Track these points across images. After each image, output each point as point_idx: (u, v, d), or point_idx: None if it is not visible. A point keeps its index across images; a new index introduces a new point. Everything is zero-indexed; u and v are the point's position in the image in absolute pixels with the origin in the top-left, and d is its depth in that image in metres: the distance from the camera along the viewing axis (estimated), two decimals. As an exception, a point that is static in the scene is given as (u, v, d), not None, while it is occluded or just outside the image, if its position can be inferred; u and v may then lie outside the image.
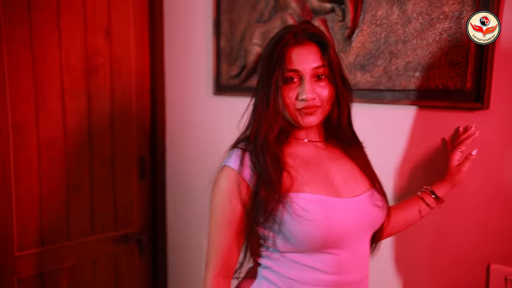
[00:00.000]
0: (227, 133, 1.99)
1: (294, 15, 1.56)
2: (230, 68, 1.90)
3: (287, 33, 0.96)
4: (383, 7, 1.31)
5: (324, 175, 0.97)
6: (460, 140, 1.12)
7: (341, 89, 0.99)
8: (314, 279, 0.94)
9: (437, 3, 1.19)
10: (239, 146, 1.00)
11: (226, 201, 0.95)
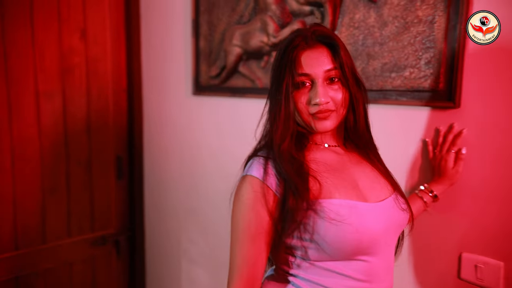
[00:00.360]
0: (206, 132, 2.02)
1: (274, 17, 1.60)
2: (210, 68, 1.92)
3: (297, 36, 0.94)
4: (361, 10, 1.37)
5: (350, 180, 0.94)
6: (449, 141, 1.19)
7: (355, 92, 0.96)
8: (347, 286, 0.90)
9: (411, 7, 1.26)
10: (259, 154, 0.95)
11: (251, 212, 0.89)
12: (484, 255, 1.19)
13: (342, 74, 0.93)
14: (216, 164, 2.00)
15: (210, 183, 2.04)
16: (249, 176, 0.92)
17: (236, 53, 1.76)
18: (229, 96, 1.86)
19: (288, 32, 1.57)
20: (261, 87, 1.72)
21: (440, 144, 1.22)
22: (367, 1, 1.35)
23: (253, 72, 1.74)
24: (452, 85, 1.18)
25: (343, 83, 0.94)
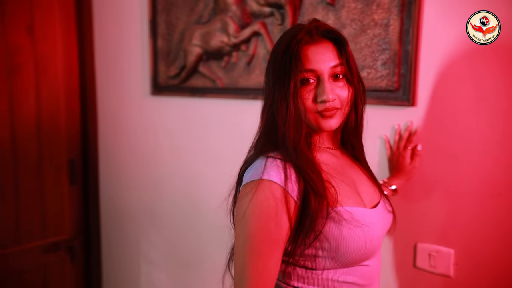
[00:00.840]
0: (166, 133, 1.99)
1: (234, 18, 1.62)
2: (169, 68, 1.90)
3: (300, 30, 0.88)
4: (320, 13, 1.42)
5: (352, 185, 0.92)
6: (405, 138, 1.26)
7: (359, 90, 0.92)
8: None
9: (368, 11, 1.32)
10: (270, 155, 0.87)
11: (271, 221, 0.80)
12: (436, 244, 1.28)
13: (348, 71, 0.89)
14: (177, 165, 1.98)
15: (171, 184, 2.01)
16: (267, 181, 0.82)
17: (196, 53, 1.76)
18: (189, 96, 1.85)
19: (248, 33, 1.59)
20: (222, 87, 1.73)
21: (397, 141, 1.29)
22: (325, 4, 1.41)
23: (214, 72, 1.75)
24: (407, 85, 1.26)
25: (348, 80, 0.90)
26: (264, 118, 0.91)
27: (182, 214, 2.00)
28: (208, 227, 1.92)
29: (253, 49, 1.61)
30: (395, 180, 1.26)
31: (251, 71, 1.63)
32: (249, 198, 0.82)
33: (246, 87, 1.65)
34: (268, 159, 0.85)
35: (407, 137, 1.26)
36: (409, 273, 1.34)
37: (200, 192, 1.92)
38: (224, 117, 1.77)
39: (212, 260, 1.91)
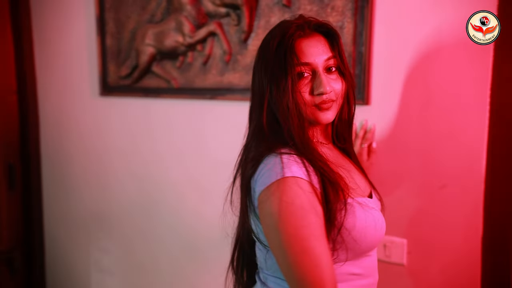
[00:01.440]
0: (116, 134, 1.93)
1: (189, 18, 1.61)
2: (119, 68, 1.84)
3: (290, 25, 0.89)
4: (276, 14, 1.45)
5: (349, 176, 0.91)
6: (361, 136, 1.31)
7: (351, 82, 0.93)
8: (356, 286, 0.89)
9: (323, 13, 1.37)
10: (283, 151, 0.85)
11: (310, 214, 0.78)
12: (390, 235, 1.35)
13: (340, 63, 0.90)
14: (127, 167, 1.92)
15: (120, 188, 1.95)
16: (291, 177, 0.80)
17: (149, 52, 1.72)
18: (142, 97, 1.81)
19: (204, 33, 1.59)
20: (177, 87, 1.70)
21: (353, 140, 1.34)
22: (281, 6, 1.44)
23: (168, 72, 1.72)
24: (361, 85, 1.32)
25: (340, 72, 0.91)
26: (264, 115, 0.89)
27: (134, 218, 1.94)
28: (161, 230, 1.88)
29: (209, 49, 1.60)
30: None
31: (207, 71, 1.63)
32: (278, 200, 0.79)
33: (203, 87, 1.64)
34: (283, 155, 0.83)
35: (363, 136, 1.32)
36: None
37: (153, 195, 1.88)
38: (179, 118, 1.75)
39: (168, 262, 1.88)
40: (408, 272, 1.34)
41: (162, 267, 1.90)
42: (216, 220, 1.72)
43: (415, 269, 1.33)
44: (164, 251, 1.88)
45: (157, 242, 1.90)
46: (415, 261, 1.33)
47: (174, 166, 1.80)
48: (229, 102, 1.61)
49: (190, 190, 1.78)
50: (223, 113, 1.64)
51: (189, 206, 1.78)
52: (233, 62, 1.56)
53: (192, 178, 1.76)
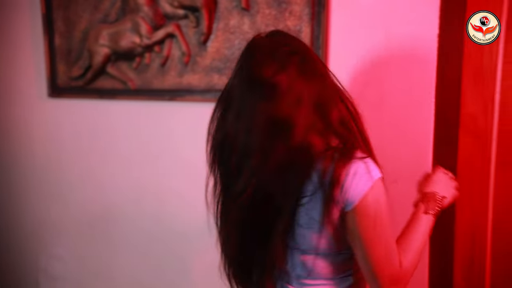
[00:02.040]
0: (66, 137, 1.86)
1: (146, 19, 1.59)
2: (70, 68, 1.78)
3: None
4: (235, 17, 1.48)
5: None
6: None
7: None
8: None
9: (281, 18, 1.42)
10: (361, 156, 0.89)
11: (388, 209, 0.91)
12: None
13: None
14: (79, 171, 1.87)
15: (75, 192, 1.89)
16: (379, 178, 0.89)
17: (104, 53, 1.68)
18: (96, 98, 1.76)
19: (162, 34, 1.58)
20: (134, 89, 1.68)
21: None
22: (240, 9, 1.47)
23: (124, 73, 1.69)
24: (319, 86, 1.39)
25: None
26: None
27: (87, 222, 1.89)
28: (118, 234, 1.85)
29: (167, 50, 1.60)
30: None
31: (165, 72, 1.62)
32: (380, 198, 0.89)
33: (161, 88, 1.64)
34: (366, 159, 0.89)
35: None
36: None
37: (109, 198, 1.84)
38: (136, 119, 1.73)
39: (122, 268, 1.85)
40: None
41: (115, 276, 1.87)
42: (176, 225, 1.73)
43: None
44: (121, 258, 1.85)
45: (114, 248, 1.86)
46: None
47: (131, 168, 1.78)
48: (189, 103, 1.62)
49: (147, 193, 1.76)
50: (182, 115, 1.65)
51: (147, 210, 1.77)
52: (192, 64, 1.57)
53: (150, 180, 1.75)
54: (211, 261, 1.61)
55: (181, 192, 1.71)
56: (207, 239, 1.66)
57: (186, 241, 1.74)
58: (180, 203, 1.72)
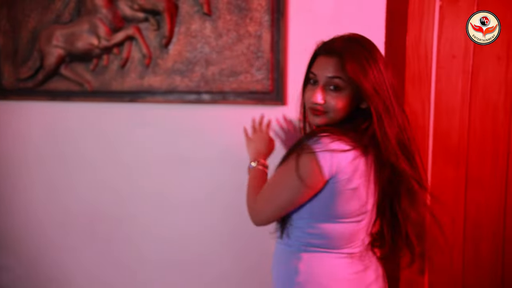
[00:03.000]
0: (18, 141, 1.78)
1: (105, 20, 1.59)
2: (18, 70, 1.72)
3: (321, 44, 1.10)
4: (197, 22, 1.54)
5: None
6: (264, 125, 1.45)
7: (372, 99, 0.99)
8: None
9: (242, 23, 1.50)
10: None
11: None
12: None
13: (347, 85, 1.01)
14: (35, 174, 1.80)
15: (20, 196, 1.82)
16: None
17: (58, 54, 1.64)
18: (48, 100, 1.72)
19: (122, 36, 1.59)
20: (91, 91, 1.67)
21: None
22: (202, 14, 1.53)
23: (80, 75, 1.67)
24: (279, 88, 1.49)
25: (348, 92, 1.02)
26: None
27: (40, 227, 1.83)
28: (73, 241, 1.81)
29: (127, 52, 1.61)
30: (265, 159, 1.36)
31: (125, 74, 1.63)
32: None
33: (121, 90, 1.64)
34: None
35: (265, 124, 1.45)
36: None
37: (61, 204, 1.80)
38: (96, 121, 1.72)
39: (75, 276, 1.82)
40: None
41: (71, 282, 1.84)
42: (136, 229, 1.74)
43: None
44: (77, 265, 1.82)
45: (68, 255, 1.83)
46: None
47: (92, 170, 1.75)
48: (150, 105, 1.64)
49: (108, 195, 1.76)
50: (143, 116, 1.67)
51: (105, 212, 1.76)
52: (154, 66, 1.60)
53: (111, 183, 1.74)
54: (157, 260, 1.66)
55: (144, 193, 1.73)
56: (167, 236, 1.71)
57: (146, 240, 1.76)
58: (142, 204, 1.74)
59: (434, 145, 1.50)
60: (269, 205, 1.07)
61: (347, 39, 1.05)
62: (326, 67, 1.03)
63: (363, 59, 0.99)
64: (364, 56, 1.00)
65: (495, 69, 1.42)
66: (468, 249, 1.51)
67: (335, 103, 1.02)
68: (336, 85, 1.02)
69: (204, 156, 1.63)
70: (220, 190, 1.63)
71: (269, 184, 1.09)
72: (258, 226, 1.13)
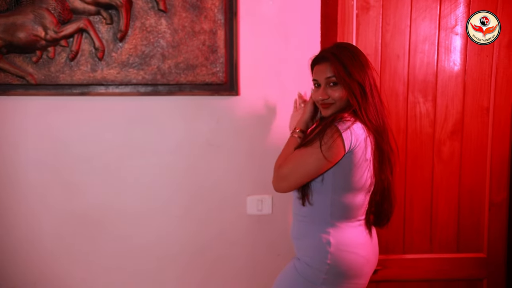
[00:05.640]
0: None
1: (53, 12, 1.55)
2: None
3: (314, 57, 1.39)
4: (152, 17, 1.62)
5: None
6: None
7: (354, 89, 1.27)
8: None
9: (197, 20, 1.64)
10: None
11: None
12: (261, 194, 1.77)
13: (340, 79, 1.29)
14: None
15: None
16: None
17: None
18: None
19: (73, 29, 1.57)
20: (35, 83, 1.60)
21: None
22: (157, 10, 1.62)
23: (19, 67, 1.59)
24: (233, 80, 1.67)
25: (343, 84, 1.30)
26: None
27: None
28: (14, 241, 1.70)
29: (77, 45, 1.60)
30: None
31: (75, 66, 1.61)
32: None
33: (70, 83, 1.62)
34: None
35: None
36: (244, 219, 1.77)
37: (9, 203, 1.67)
38: (42, 116, 1.65)
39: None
40: (273, 219, 1.80)
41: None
42: (96, 219, 1.71)
43: (278, 216, 1.80)
44: (44, 265, 1.71)
45: (12, 256, 1.70)
46: (278, 211, 1.80)
47: (38, 167, 1.67)
48: (103, 98, 1.65)
49: (58, 193, 1.69)
50: (96, 109, 1.66)
51: (56, 209, 1.70)
52: (107, 59, 1.62)
53: (57, 179, 1.69)
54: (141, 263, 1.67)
55: (99, 185, 1.71)
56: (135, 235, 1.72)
57: (113, 239, 1.74)
58: (95, 200, 1.72)
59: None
60: (293, 173, 1.26)
61: (334, 47, 1.35)
62: (322, 71, 1.33)
63: (347, 60, 1.29)
64: (348, 57, 1.29)
65: (396, 64, 1.83)
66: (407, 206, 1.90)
67: (336, 94, 1.31)
68: (333, 82, 1.31)
69: (162, 145, 1.70)
70: (178, 178, 1.73)
71: (295, 155, 1.27)
72: (278, 192, 1.31)
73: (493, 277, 1.93)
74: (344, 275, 1.29)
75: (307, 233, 1.34)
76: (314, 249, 1.31)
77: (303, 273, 1.31)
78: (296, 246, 1.39)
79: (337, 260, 1.28)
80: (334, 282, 1.29)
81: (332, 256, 1.28)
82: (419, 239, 1.90)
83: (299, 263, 1.34)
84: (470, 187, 1.89)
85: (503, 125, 1.85)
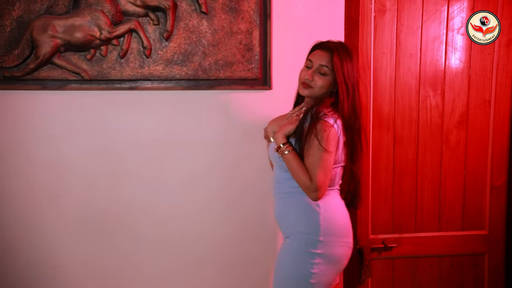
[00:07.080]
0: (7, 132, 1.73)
1: (107, 14, 1.71)
2: (2, 58, 1.69)
3: (320, 42, 1.57)
4: (195, 18, 1.79)
5: None
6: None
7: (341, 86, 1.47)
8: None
9: (235, 22, 1.81)
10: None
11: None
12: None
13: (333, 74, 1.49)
14: (17, 168, 1.77)
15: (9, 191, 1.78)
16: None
17: (54, 44, 1.69)
18: (39, 90, 1.73)
19: (125, 29, 1.74)
20: (89, 79, 1.76)
21: None
22: (199, 12, 1.79)
23: (75, 64, 1.74)
24: (266, 75, 1.85)
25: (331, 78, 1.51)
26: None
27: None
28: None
29: (127, 44, 1.76)
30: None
31: (125, 63, 1.77)
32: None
33: (120, 78, 1.78)
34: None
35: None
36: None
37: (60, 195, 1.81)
38: (94, 109, 1.81)
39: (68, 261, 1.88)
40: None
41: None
42: (132, 213, 1.87)
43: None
44: (72, 248, 1.86)
45: (61, 240, 1.85)
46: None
47: (85, 158, 1.82)
48: (150, 92, 1.82)
49: (108, 182, 1.85)
50: (144, 102, 1.83)
51: (113, 199, 1.84)
52: (154, 56, 1.79)
53: (107, 169, 1.84)
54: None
55: (143, 175, 1.87)
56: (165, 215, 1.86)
57: (157, 223, 1.89)
58: (144, 187, 1.88)
59: (374, 116, 2.05)
60: (326, 176, 1.43)
61: (337, 43, 1.55)
62: (321, 57, 1.51)
63: (345, 57, 1.50)
64: (345, 56, 1.50)
65: (409, 62, 2.03)
66: (396, 187, 2.11)
67: (320, 83, 1.50)
68: (324, 72, 1.49)
69: (203, 135, 1.87)
70: (217, 165, 1.90)
71: (313, 162, 1.42)
72: (320, 199, 1.46)
73: (493, 252, 2.15)
74: (336, 233, 1.49)
75: (297, 204, 1.50)
76: (307, 215, 1.48)
77: (299, 246, 1.48)
78: (284, 224, 1.55)
79: (327, 220, 1.48)
80: (329, 243, 1.47)
81: (323, 217, 1.47)
82: (429, 218, 2.12)
83: (292, 239, 1.50)
84: (474, 171, 2.11)
85: (502, 116, 2.08)
